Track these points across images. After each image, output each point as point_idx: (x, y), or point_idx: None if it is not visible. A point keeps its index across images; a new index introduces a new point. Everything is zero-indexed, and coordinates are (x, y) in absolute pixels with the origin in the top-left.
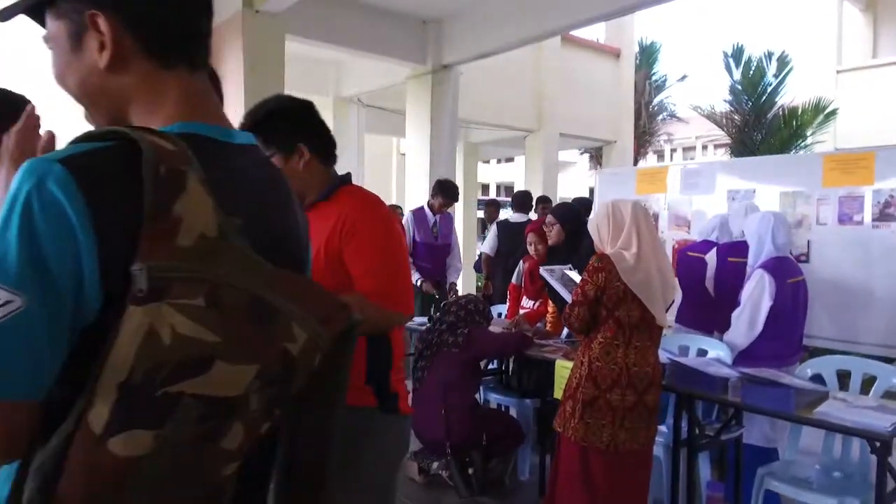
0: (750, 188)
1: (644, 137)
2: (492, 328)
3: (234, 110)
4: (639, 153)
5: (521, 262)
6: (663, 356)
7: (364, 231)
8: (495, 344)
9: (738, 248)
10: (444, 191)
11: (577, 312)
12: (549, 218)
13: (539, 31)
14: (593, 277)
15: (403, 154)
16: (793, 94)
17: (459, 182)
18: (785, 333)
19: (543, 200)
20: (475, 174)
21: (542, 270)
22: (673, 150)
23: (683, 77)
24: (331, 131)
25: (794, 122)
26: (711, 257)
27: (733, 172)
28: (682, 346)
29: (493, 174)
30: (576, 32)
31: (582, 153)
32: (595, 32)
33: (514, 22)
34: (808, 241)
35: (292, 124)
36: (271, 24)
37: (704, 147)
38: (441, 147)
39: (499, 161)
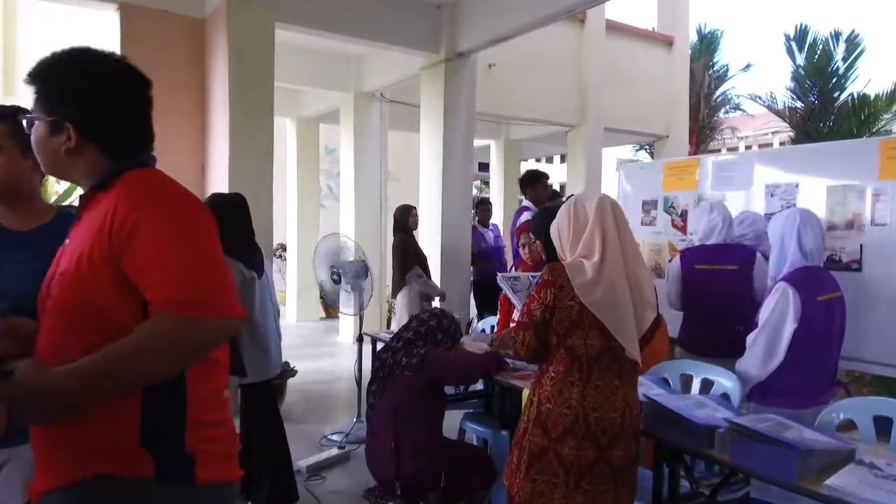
0: (792, 182)
1: (704, 132)
2: (473, 345)
3: (221, 105)
4: (698, 149)
5: (512, 268)
6: (649, 390)
7: (143, 228)
8: (456, 367)
9: (706, 253)
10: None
11: (522, 338)
12: (523, 238)
13: (556, 7)
14: (540, 294)
15: None
16: (865, 80)
17: (498, 182)
18: (813, 365)
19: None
20: (516, 173)
21: (501, 278)
22: (748, 147)
23: (747, 66)
24: (149, 117)
25: (866, 110)
26: (675, 264)
27: (772, 164)
28: (686, 374)
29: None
30: (624, 19)
31: (638, 150)
32: (647, 20)
33: (530, 1)
34: (861, 246)
35: (66, 90)
36: (259, 13)
37: (782, 143)
38: (455, 142)
39: (548, 160)
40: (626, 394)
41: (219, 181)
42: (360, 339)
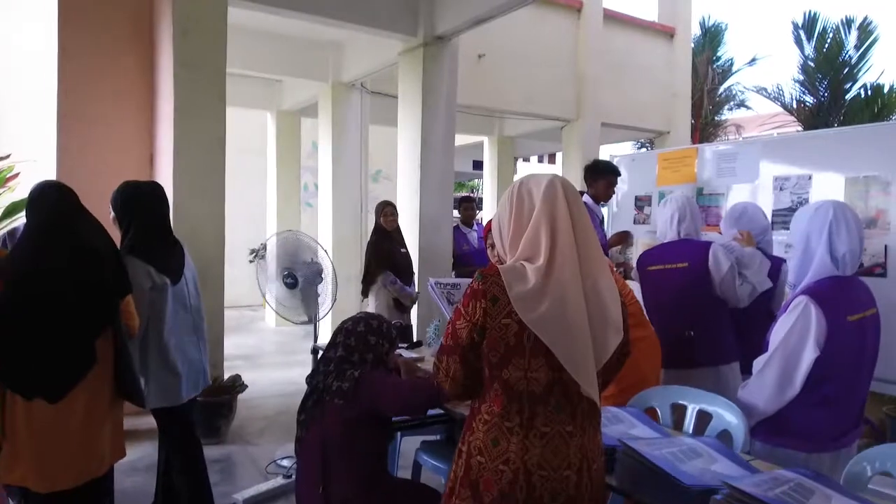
0: (804, 174)
1: (707, 130)
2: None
3: (166, 88)
4: None
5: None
6: (629, 428)
7: None
8: (396, 394)
9: (657, 253)
10: None
11: (445, 365)
12: (489, 237)
13: None
14: (468, 308)
15: None
16: (878, 70)
17: (491, 180)
18: (836, 399)
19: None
20: (511, 171)
21: (433, 284)
22: None
23: (753, 60)
24: None
25: (879, 103)
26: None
27: (781, 154)
28: (677, 404)
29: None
30: (623, 9)
31: (639, 148)
32: (647, 10)
33: None
34: (886, 247)
35: None
36: None
37: None
38: (434, 133)
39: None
40: (583, 443)
41: (166, 171)
42: (314, 352)
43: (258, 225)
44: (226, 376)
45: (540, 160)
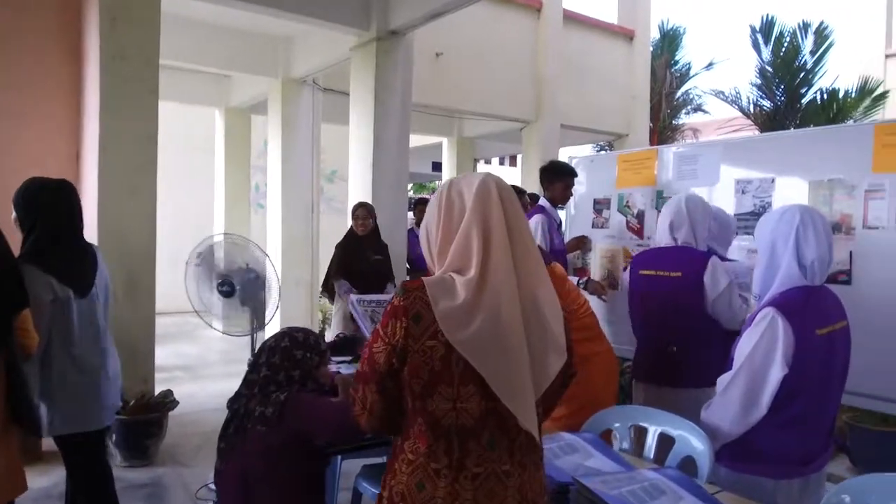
0: (767, 177)
1: (665, 133)
2: None
3: (92, 80)
4: None
5: None
6: (585, 459)
7: None
8: (325, 418)
9: (652, 256)
10: None
11: (360, 396)
12: None
13: None
14: (386, 329)
15: None
16: (834, 76)
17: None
18: (805, 420)
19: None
20: (469, 172)
21: (355, 301)
22: None
23: (710, 64)
24: None
25: (835, 107)
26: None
27: (743, 155)
28: (639, 427)
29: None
30: (583, 10)
31: (599, 150)
32: (607, 12)
33: None
34: (850, 253)
35: None
36: None
37: None
38: (388, 132)
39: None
40: (522, 483)
41: (92, 170)
42: None
43: (205, 227)
44: (159, 390)
45: (501, 162)
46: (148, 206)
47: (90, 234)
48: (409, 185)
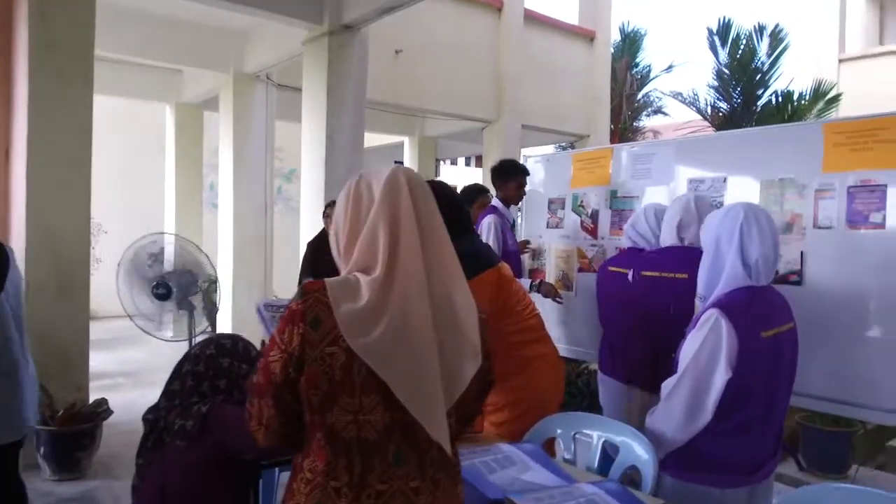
0: (719, 176)
1: (626, 135)
2: None
3: (22, 71)
4: None
5: None
6: (521, 473)
7: None
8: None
9: (655, 255)
10: None
11: (256, 410)
12: None
13: None
14: (283, 335)
15: None
16: (789, 78)
17: None
18: (751, 425)
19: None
20: (433, 173)
21: (263, 305)
22: None
23: (670, 67)
24: None
25: (789, 109)
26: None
27: (696, 154)
28: (583, 435)
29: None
30: (544, 10)
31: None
32: (568, 13)
33: None
34: (802, 253)
35: None
36: None
37: None
38: (341, 129)
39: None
40: (435, 500)
41: (21, 166)
42: None
43: (156, 228)
44: (98, 398)
45: (468, 163)
46: (81, 203)
47: (19, 231)
48: None
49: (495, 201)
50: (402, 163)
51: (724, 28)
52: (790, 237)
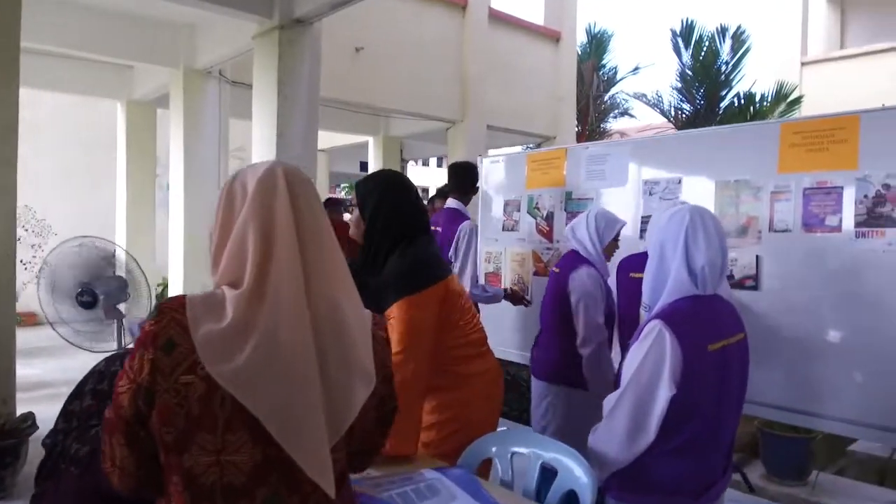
0: (674, 177)
1: (593, 137)
2: None
3: None
4: None
5: None
6: (447, 503)
7: None
8: None
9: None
10: None
11: (109, 449)
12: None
13: None
14: (133, 363)
15: (322, 150)
16: (751, 80)
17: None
18: (697, 444)
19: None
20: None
21: (134, 325)
22: None
23: (636, 69)
24: None
25: (751, 111)
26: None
27: (651, 155)
28: (517, 456)
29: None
30: (510, 9)
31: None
32: (533, 13)
33: None
34: (757, 258)
35: None
36: None
37: None
38: (292, 128)
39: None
40: None
41: None
42: None
43: (107, 230)
44: (36, 410)
45: (439, 164)
46: (6, 203)
47: None
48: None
49: (458, 205)
50: (366, 164)
51: (688, 29)
52: (745, 241)
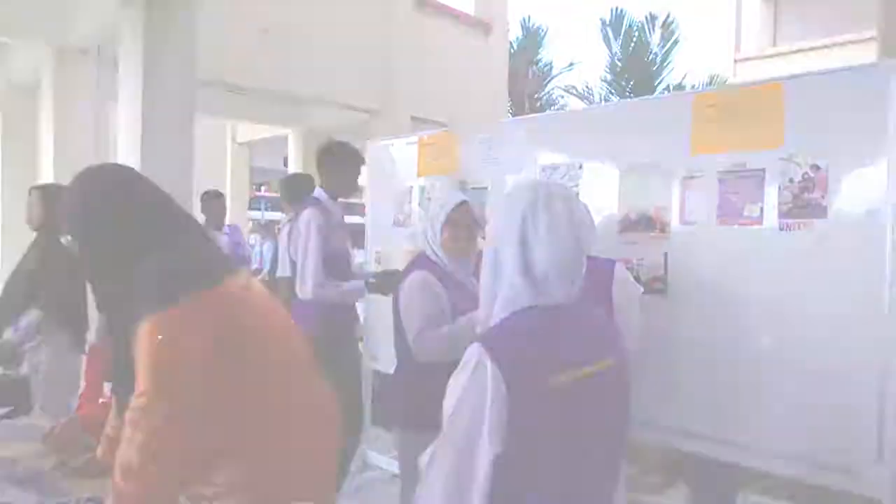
0: (575, 162)
1: None
2: None
3: None
4: None
5: None
6: None
7: None
8: None
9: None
10: None
11: None
12: None
13: None
14: None
15: (241, 143)
16: (684, 73)
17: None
18: None
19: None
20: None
21: None
22: None
23: (571, 65)
24: None
25: None
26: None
27: (549, 137)
28: None
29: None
30: None
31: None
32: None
33: None
34: (665, 255)
35: None
36: None
37: None
38: (162, 110)
39: None
40: None
41: None
42: None
43: None
44: None
45: None
46: None
47: None
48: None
49: (318, 192)
50: (286, 160)
51: (617, 19)
52: (651, 236)
